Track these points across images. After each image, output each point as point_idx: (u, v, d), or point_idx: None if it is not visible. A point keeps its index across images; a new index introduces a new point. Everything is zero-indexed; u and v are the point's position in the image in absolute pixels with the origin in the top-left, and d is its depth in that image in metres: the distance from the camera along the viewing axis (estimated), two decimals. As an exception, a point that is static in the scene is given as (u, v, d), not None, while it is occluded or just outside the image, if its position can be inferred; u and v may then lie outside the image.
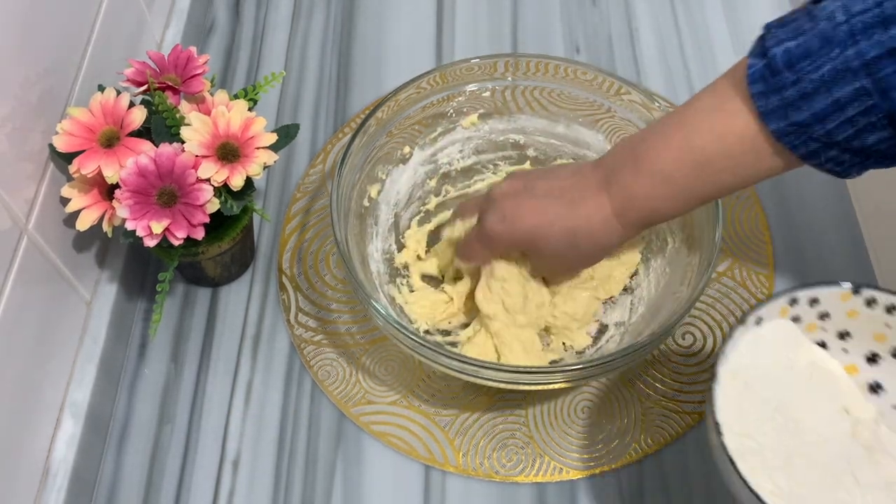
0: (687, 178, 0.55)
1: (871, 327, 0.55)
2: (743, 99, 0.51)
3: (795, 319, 0.55)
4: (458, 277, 0.70)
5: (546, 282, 0.67)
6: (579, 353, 0.68)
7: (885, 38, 0.45)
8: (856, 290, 0.54)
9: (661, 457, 0.65)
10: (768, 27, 0.51)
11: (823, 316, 0.55)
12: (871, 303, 0.54)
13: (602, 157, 0.61)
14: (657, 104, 0.68)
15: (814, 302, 0.55)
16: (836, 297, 0.55)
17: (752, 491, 0.47)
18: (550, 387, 0.60)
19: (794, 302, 0.54)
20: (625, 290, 0.70)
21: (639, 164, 0.56)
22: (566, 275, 0.67)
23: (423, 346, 0.58)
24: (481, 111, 0.74)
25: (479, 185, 0.76)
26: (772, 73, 0.49)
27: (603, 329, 0.69)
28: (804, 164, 0.52)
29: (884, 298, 0.54)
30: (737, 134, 0.52)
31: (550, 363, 0.67)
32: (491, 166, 0.77)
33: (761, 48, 0.50)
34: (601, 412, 0.67)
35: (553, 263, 0.64)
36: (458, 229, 0.68)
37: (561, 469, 0.64)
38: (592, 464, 0.65)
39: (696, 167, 0.54)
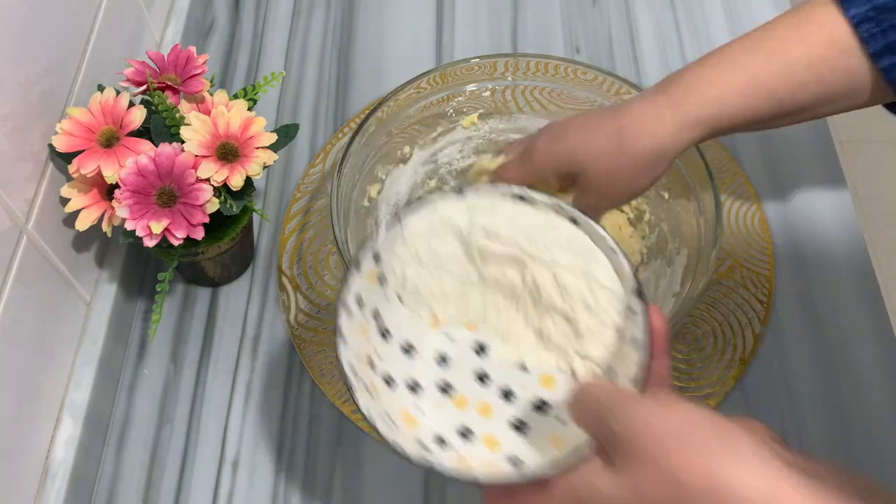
0: (759, 66, 0.50)
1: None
2: (839, 17, 0.48)
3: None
4: None
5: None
6: None
7: None
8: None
9: (662, 457, 0.65)
10: None
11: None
12: None
13: (670, 76, 0.55)
14: (657, 104, 0.68)
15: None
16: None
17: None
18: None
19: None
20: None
21: (703, 59, 0.52)
22: (616, 191, 0.56)
23: (423, 346, 0.58)
24: (481, 111, 0.74)
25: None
26: (883, 9, 0.47)
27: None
28: (877, 76, 0.48)
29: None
30: (815, 21, 0.49)
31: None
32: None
33: None
34: (601, 412, 0.67)
35: (601, 175, 0.54)
36: (496, 162, 0.62)
37: (561, 469, 0.64)
38: (592, 464, 0.64)
39: (770, 53, 0.50)
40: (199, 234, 0.60)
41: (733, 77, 0.50)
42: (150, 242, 0.59)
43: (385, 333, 0.49)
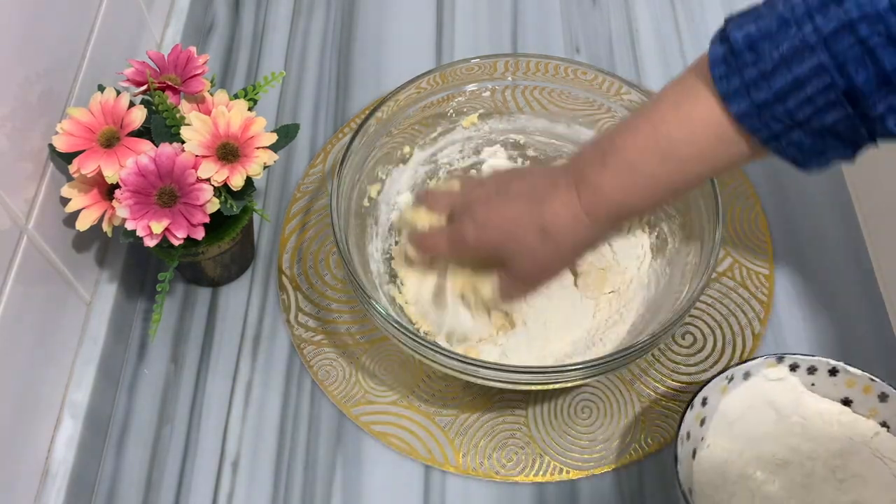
0: (654, 168, 0.55)
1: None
2: (706, 84, 0.51)
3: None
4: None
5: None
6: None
7: (840, 13, 0.45)
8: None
9: (661, 457, 0.65)
10: (728, 19, 0.51)
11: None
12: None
13: (573, 156, 0.61)
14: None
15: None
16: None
17: None
18: (550, 387, 0.60)
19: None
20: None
21: (606, 158, 0.57)
22: (541, 277, 0.64)
23: (424, 345, 0.58)
24: (481, 111, 0.74)
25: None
26: (733, 56, 0.49)
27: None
28: (766, 151, 0.52)
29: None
30: (701, 119, 0.52)
31: (551, 364, 0.67)
32: (491, 166, 0.77)
33: (722, 35, 0.51)
34: (601, 412, 0.67)
35: (527, 264, 0.61)
36: (422, 218, 0.67)
37: (561, 469, 0.64)
38: (592, 464, 0.65)
39: (663, 156, 0.54)
40: (200, 234, 0.60)
41: (634, 181, 0.56)
42: (150, 242, 0.59)
43: None
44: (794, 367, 0.60)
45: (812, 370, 0.60)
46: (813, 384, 0.61)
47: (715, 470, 0.59)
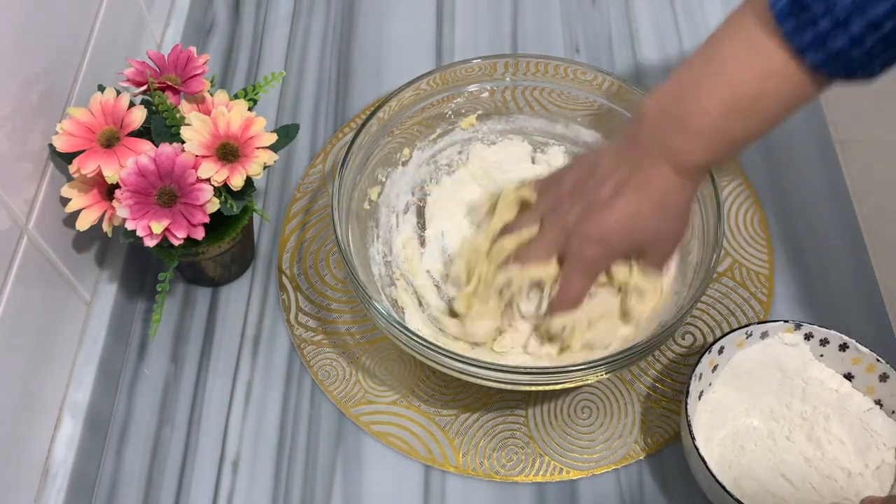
0: (739, 125, 0.56)
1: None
2: (774, 38, 0.51)
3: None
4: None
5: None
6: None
7: None
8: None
9: (661, 457, 0.65)
10: None
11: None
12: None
13: (637, 129, 0.60)
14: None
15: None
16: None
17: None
18: (550, 387, 0.60)
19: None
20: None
21: (686, 127, 0.57)
22: (675, 245, 0.64)
23: (424, 346, 0.58)
24: (480, 112, 0.74)
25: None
26: (801, 8, 0.49)
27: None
28: (842, 82, 0.53)
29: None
30: (778, 73, 0.52)
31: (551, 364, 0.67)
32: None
33: None
34: (601, 412, 0.67)
35: (664, 242, 0.63)
36: (544, 274, 0.64)
37: (561, 469, 0.64)
38: (592, 464, 0.65)
39: (746, 114, 0.55)
40: (200, 234, 0.60)
41: (721, 142, 0.57)
42: (150, 242, 0.59)
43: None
44: (808, 336, 0.64)
45: (824, 342, 0.63)
46: (822, 355, 0.64)
47: (714, 410, 0.64)
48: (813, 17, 0.49)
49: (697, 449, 0.57)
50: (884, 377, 0.61)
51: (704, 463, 0.57)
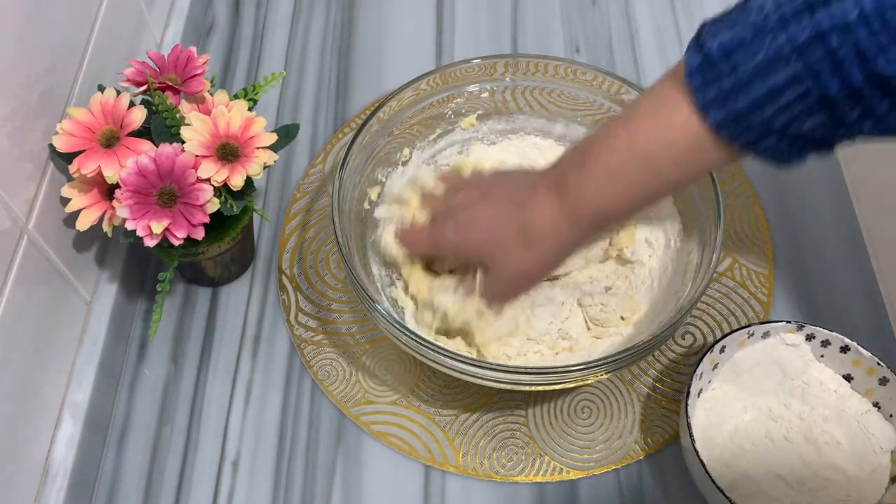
0: (633, 174, 0.55)
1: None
2: (683, 93, 0.51)
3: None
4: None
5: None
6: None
7: (812, 23, 0.45)
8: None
9: (661, 457, 0.65)
10: (703, 24, 0.52)
11: None
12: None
13: (555, 161, 0.61)
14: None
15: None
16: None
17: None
18: (550, 387, 0.60)
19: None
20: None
21: (586, 164, 0.57)
22: (523, 281, 0.63)
23: (424, 346, 0.58)
24: (480, 112, 0.74)
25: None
26: (709, 66, 0.50)
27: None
28: (744, 156, 0.52)
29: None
30: (679, 127, 0.52)
31: (551, 365, 0.67)
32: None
33: (697, 43, 0.51)
34: (601, 412, 0.67)
35: (509, 268, 0.61)
36: (411, 208, 0.67)
37: (561, 469, 0.64)
38: (592, 464, 0.65)
39: (642, 163, 0.55)
40: (200, 234, 0.60)
41: (613, 187, 0.56)
42: (150, 242, 0.59)
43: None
44: (810, 337, 0.64)
45: (826, 343, 0.63)
46: (822, 356, 0.64)
47: (713, 408, 0.64)
48: (718, 75, 0.49)
49: (696, 450, 0.57)
50: (883, 381, 0.61)
51: (702, 464, 0.57)
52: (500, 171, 0.68)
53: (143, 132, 0.62)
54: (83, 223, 0.60)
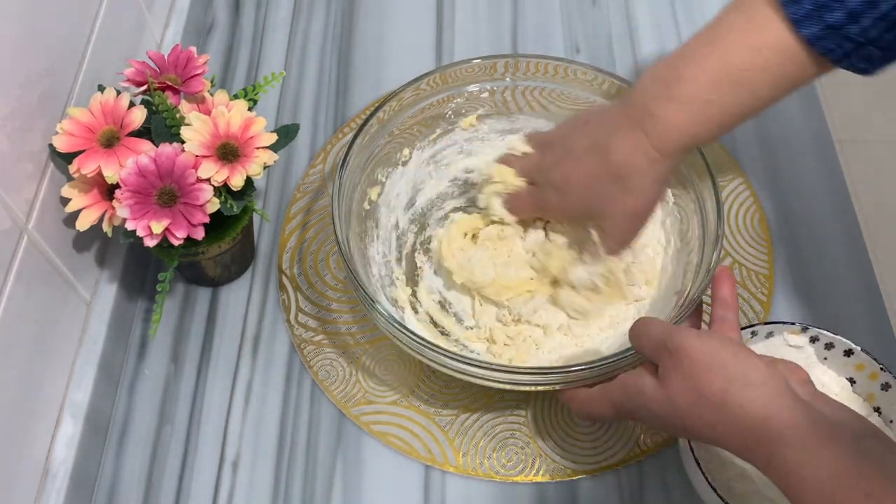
0: (726, 98, 0.54)
1: None
2: (772, 8, 0.50)
3: None
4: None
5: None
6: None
7: None
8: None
9: (661, 457, 0.65)
10: None
11: None
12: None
13: (630, 94, 0.59)
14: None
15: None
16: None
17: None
18: (550, 387, 0.60)
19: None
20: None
21: (672, 93, 0.56)
22: (634, 223, 0.63)
23: (424, 346, 0.58)
24: (480, 112, 0.74)
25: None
26: None
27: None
28: (836, 68, 0.51)
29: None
30: (772, 45, 0.51)
31: (551, 366, 0.67)
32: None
33: None
34: (601, 412, 0.67)
35: (617, 215, 0.61)
36: (508, 178, 0.67)
37: (561, 469, 0.64)
38: (592, 464, 0.65)
39: (734, 85, 0.54)
40: (200, 234, 0.60)
41: (706, 112, 0.55)
42: (150, 242, 0.59)
43: None
44: (814, 340, 0.64)
45: (829, 346, 0.63)
46: (825, 358, 0.64)
47: None
48: None
49: (692, 449, 0.57)
50: (886, 386, 0.61)
51: (698, 464, 0.57)
52: (578, 117, 0.66)
53: (143, 132, 0.62)
54: (83, 223, 0.60)
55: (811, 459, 0.44)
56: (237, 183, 0.61)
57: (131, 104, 0.63)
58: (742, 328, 0.63)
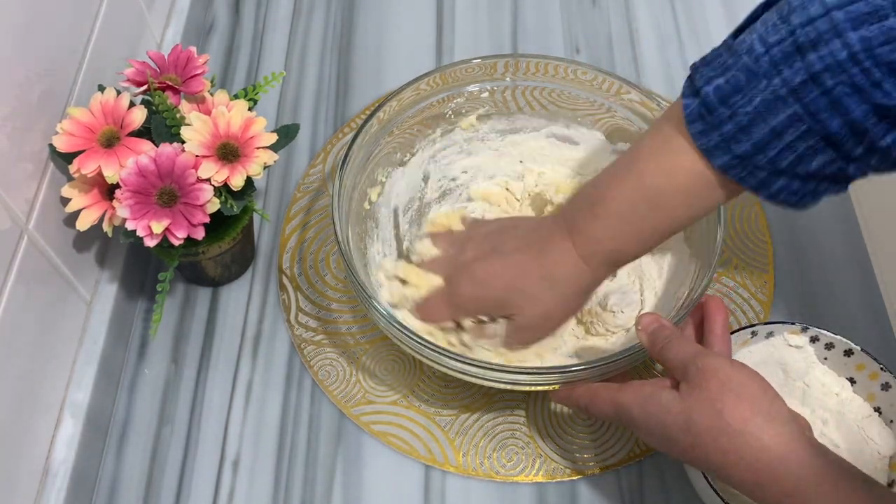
0: (643, 217, 0.56)
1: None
2: (685, 138, 0.52)
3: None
4: None
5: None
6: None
7: (804, 65, 0.46)
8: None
9: (661, 457, 0.65)
10: (694, 67, 0.52)
11: None
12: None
13: (562, 206, 0.62)
14: (657, 104, 0.68)
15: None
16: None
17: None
18: (550, 387, 0.60)
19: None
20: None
21: (595, 209, 0.58)
22: (548, 324, 0.63)
23: (424, 346, 0.58)
24: (480, 112, 0.74)
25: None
26: (707, 111, 0.50)
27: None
28: (756, 195, 0.52)
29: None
30: (685, 170, 0.53)
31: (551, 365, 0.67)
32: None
33: (692, 88, 0.51)
34: (601, 412, 0.67)
35: (535, 313, 0.61)
36: (418, 281, 0.66)
37: (561, 469, 0.64)
38: (592, 464, 0.65)
39: (651, 205, 0.55)
40: (200, 234, 0.60)
41: (624, 230, 0.57)
42: (150, 242, 0.59)
43: None
44: (814, 339, 0.64)
45: (829, 346, 0.63)
46: (826, 358, 0.64)
47: None
48: (718, 121, 0.49)
49: None
50: (886, 386, 0.61)
51: None
52: (502, 221, 0.69)
53: (144, 132, 0.62)
54: (83, 223, 0.60)
55: (832, 498, 0.47)
56: (237, 183, 0.61)
57: (131, 104, 0.63)
58: (742, 328, 0.63)
